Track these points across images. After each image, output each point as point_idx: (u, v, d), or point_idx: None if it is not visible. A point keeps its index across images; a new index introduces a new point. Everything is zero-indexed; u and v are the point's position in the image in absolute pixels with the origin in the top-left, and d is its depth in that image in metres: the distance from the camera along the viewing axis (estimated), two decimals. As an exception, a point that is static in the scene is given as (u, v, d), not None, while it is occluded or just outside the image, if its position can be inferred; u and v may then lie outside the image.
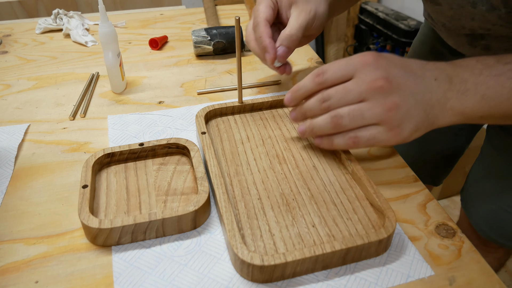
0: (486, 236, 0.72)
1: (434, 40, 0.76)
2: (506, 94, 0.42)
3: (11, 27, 0.92)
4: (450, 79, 0.45)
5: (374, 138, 0.45)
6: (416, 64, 0.46)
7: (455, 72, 0.45)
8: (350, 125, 0.45)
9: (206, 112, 0.57)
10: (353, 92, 0.44)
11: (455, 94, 0.44)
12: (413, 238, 0.43)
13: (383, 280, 0.39)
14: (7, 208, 0.47)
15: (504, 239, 0.71)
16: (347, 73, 0.45)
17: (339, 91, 0.45)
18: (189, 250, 0.42)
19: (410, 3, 2.03)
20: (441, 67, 0.46)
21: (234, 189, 0.47)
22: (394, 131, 0.44)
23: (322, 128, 0.47)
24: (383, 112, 0.44)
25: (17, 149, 0.55)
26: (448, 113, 0.45)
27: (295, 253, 0.38)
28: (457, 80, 0.44)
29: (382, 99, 0.43)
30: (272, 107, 0.61)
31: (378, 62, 0.44)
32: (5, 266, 0.41)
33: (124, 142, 0.56)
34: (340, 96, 0.45)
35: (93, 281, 0.39)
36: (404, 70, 0.45)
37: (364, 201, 0.46)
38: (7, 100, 0.66)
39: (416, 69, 0.46)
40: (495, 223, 0.70)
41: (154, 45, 0.82)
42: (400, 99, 0.43)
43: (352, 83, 0.45)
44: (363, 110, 0.44)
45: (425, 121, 0.45)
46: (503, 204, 0.68)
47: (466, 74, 0.44)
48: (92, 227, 0.40)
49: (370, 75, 0.44)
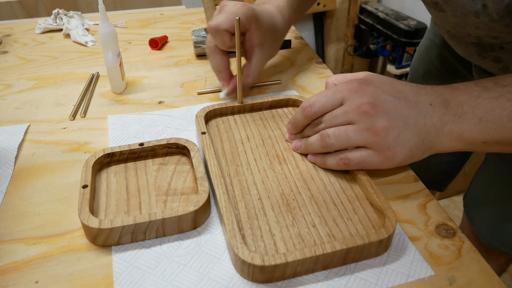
0: (489, 243, 0.72)
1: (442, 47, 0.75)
2: (506, 116, 0.41)
3: (11, 27, 0.92)
4: (447, 103, 0.44)
5: (365, 161, 0.45)
6: (410, 89, 0.46)
7: (452, 95, 0.44)
8: (336, 144, 0.46)
9: (206, 112, 0.57)
10: (340, 117, 0.46)
11: (452, 118, 0.43)
12: (413, 238, 0.43)
13: (383, 280, 0.39)
14: (7, 208, 0.47)
15: (507, 248, 0.70)
16: (336, 103, 0.47)
17: (328, 116, 0.47)
18: (189, 250, 0.42)
19: (410, 3, 2.03)
20: (439, 90, 0.46)
21: (234, 189, 0.47)
22: (384, 154, 0.44)
23: (313, 147, 0.49)
24: (369, 135, 0.44)
25: (17, 149, 0.55)
26: (446, 137, 0.44)
27: (296, 253, 0.38)
28: (454, 103, 0.44)
29: (368, 123, 0.44)
30: (272, 107, 0.61)
31: (365, 90, 0.45)
32: (5, 266, 0.41)
33: (124, 142, 0.56)
34: (329, 120, 0.47)
35: (93, 281, 0.39)
36: (394, 97, 0.45)
37: (364, 201, 0.45)
38: (7, 100, 0.66)
39: (409, 95, 0.45)
40: (498, 231, 0.69)
41: (154, 45, 0.82)
42: (388, 123, 0.43)
43: (339, 109, 0.46)
44: (348, 131, 0.45)
45: (421, 147, 0.44)
46: (507, 212, 0.67)
47: (463, 97, 0.44)
48: (92, 227, 0.40)
49: (355, 101, 0.45)
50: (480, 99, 0.43)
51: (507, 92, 0.42)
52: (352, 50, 2.26)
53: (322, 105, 0.47)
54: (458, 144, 0.44)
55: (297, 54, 0.79)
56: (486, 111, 0.42)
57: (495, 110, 0.42)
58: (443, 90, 0.45)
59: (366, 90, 0.45)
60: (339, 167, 0.47)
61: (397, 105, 0.44)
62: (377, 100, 0.44)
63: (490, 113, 0.42)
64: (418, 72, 0.84)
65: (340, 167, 0.47)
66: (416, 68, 0.85)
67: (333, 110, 0.47)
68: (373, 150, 0.45)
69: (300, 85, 0.69)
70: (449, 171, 0.91)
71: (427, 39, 0.81)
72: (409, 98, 0.45)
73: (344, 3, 2.14)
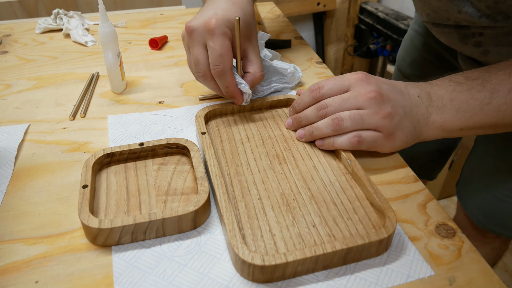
0: (483, 226, 0.74)
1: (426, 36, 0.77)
2: (478, 105, 0.48)
3: (11, 27, 0.92)
4: (430, 96, 0.50)
5: (375, 141, 0.49)
6: (400, 83, 0.52)
7: (433, 90, 0.50)
8: (351, 127, 0.49)
9: (206, 112, 0.57)
10: (350, 101, 0.49)
11: (435, 109, 0.49)
12: (413, 238, 0.43)
13: (383, 280, 0.39)
14: (7, 208, 0.47)
15: (501, 228, 0.73)
16: (343, 88, 0.50)
17: (336, 100, 0.50)
18: (189, 250, 0.42)
19: (410, 3, 2.03)
20: (421, 86, 0.51)
21: (234, 189, 0.47)
22: (389, 137, 0.49)
23: (322, 131, 0.50)
24: (379, 119, 0.48)
25: (17, 149, 0.55)
26: (431, 127, 0.50)
27: (296, 253, 0.38)
28: (435, 97, 0.50)
29: (377, 107, 0.48)
30: (272, 107, 0.61)
31: (369, 79, 0.50)
32: (5, 266, 0.41)
33: (124, 142, 0.56)
34: (338, 104, 0.50)
35: (93, 281, 0.39)
36: (392, 87, 0.50)
37: (365, 201, 0.46)
38: (7, 100, 0.66)
39: (401, 87, 0.51)
40: (491, 212, 0.73)
41: (154, 45, 0.82)
42: (392, 109, 0.48)
43: (348, 94, 0.50)
44: (362, 115, 0.48)
45: (413, 133, 0.50)
46: (498, 193, 0.70)
47: (441, 92, 0.50)
48: (92, 227, 0.40)
49: (363, 88, 0.49)
50: (455, 92, 0.49)
51: (476, 84, 0.48)
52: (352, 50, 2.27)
53: (330, 89, 0.51)
54: (440, 133, 0.50)
55: (297, 54, 0.79)
56: (461, 102, 0.48)
57: (468, 101, 0.48)
58: (425, 86, 0.51)
59: (371, 79, 0.50)
60: (351, 145, 0.49)
61: (396, 95, 0.49)
62: (381, 89, 0.49)
63: (465, 104, 0.48)
64: (405, 61, 0.87)
65: (353, 145, 0.49)
66: (402, 58, 0.88)
67: (341, 95, 0.50)
68: (381, 134, 0.49)
69: (300, 85, 0.69)
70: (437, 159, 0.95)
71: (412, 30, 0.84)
72: (402, 90, 0.51)
73: (344, 3, 2.14)
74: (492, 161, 0.71)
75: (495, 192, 0.71)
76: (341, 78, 0.51)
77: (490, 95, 0.47)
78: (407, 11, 2.04)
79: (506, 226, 0.73)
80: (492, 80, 0.48)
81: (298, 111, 0.54)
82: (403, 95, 0.50)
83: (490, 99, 0.47)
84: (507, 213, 0.71)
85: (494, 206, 0.72)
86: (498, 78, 0.48)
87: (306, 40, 1.05)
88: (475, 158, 0.76)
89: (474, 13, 0.53)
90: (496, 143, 0.70)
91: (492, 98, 0.47)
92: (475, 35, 0.57)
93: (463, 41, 0.59)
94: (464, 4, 0.53)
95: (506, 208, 0.70)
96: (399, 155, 0.55)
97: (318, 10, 2.09)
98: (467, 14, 0.54)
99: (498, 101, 0.47)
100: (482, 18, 0.53)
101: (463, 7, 0.53)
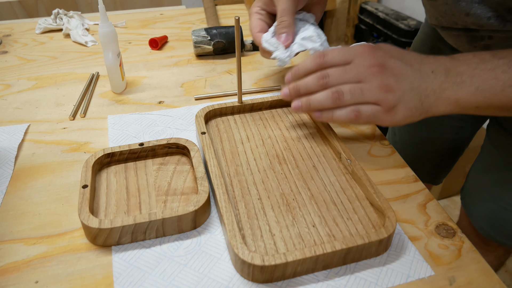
0: (487, 234, 0.73)
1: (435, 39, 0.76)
2: (500, 86, 0.45)
3: (11, 27, 0.92)
4: (447, 71, 0.48)
5: (374, 115, 0.48)
6: (415, 57, 0.49)
7: (453, 65, 0.48)
8: (350, 101, 0.48)
9: (206, 112, 0.57)
10: (351, 73, 0.48)
11: (451, 85, 0.47)
12: (413, 238, 0.43)
13: (383, 280, 0.39)
14: (7, 208, 0.47)
15: (505, 238, 0.71)
16: (346, 59, 0.49)
17: (338, 70, 0.49)
18: (189, 250, 0.42)
19: (410, 3, 2.03)
20: (440, 60, 0.49)
21: (234, 189, 0.47)
22: (389, 112, 0.48)
23: (321, 103, 0.49)
24: (380, 92, 0.47)
25: (17, 149, 0.55)
26: (444, 102, 0.48)
27: (296, 253, 0.38)
28: (454, 73, 0.47)
29: (378, 81, 0.47)
30: (272, 107, 0.61)
31: (375, 52, 0.49)
32: (5, 266, 0.41)
33: (124, 142, 0.56)
34: (339, 74, 0.49)
35: (93, 281, 0.39)
36: (401, 61, 0.48)
37: (364, 201, 0.45)
38: (7, 100, 0.66)
39: (413, 62, 0.49)
40: (496, 221, 0.71)
41: (154, 45, 0.82)
42: (394, 83, 0.47)
43: (350, 66, 0.49)
44: (363, 89, 0.48)
45: (419, 108, 0.48)
46: (504, 203, 0.68)
47: (462, 68, 0.47)
48: (92, 227, 0.40)
49: (367, 61, 0.48)
50: (477, 69, 0.46)
51: (503, 64, 0.45)
52: (352, 50, 2.26)
53: (334, 57, 0.50)
54: (454, 108, 0.48)
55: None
56: (483, 81, 0.46)
57: (490, 80, 0.46)
58: (444, 60, 0.49)
59: (377, 53, 0.49)
60: (349, 119, 0.49)
61: (403, 69, 0.48)
62: (386, 62, 0.48)
63: (486, 83, 0.46)
64: None
65: (351, 119, 0.48)
66: None
67: (344, 66, 0.49)
68: (381, 107, 0.48)
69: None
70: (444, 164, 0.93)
71: (422, 33, 0.84)
72: (413, 65, 0.49)
73: (344, 3, 2.14)
74: (498, 169, 0.70)
75: (500, 201, 0.69)
76: (346, 49, 0.50)
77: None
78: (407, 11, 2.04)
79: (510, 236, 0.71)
80: None
81: (298, 77, 0.52)
82: (412, 69, 0.48)
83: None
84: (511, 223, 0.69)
85: (498, 215, 0.70)
86: None
87: (306, 40, 1.05)
88: (481, 166, 0.74)
89: (483, 15, 0.52)
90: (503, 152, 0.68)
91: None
92: (484, 38, 0.56)
93: (471, 44, 0.59)
94: (471, 6, 0.52)
95: (510, 218, 0.68)
96: (399, 155, 0.55)
97: (318, 10, 2.08)
98: (475, 17, 0.53)
99: None
100: (491, 20, 0.52)
101: (470, 9, 0.52)
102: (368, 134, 0.58)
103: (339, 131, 0.59)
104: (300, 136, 0.55)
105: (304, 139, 0.55)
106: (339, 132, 0.59)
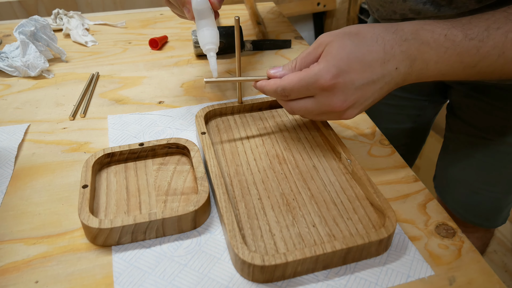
0: (464, 218, 0.77)
1: None
2: (462, 68, 0.46)
3: (11, 27, 0.92)
4: (413, 61, 0.46)
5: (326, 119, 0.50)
6: (378, 56, 0.45)
7: (420, 52, 0.46)
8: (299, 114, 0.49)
9: (206, 112, 0.57)
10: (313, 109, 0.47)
11: (415, 73, 0.47)
12: (413, 238, 0.43)
13: (383, 280, 0.39)
14: (7, 208, 0.47)
15: (481, 220, 0.76)
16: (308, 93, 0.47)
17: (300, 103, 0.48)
18: (189, 250, 0.42)
19: (410, 3, 2.03)
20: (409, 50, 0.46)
21: (234, 189, 0.47)
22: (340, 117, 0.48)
23: None
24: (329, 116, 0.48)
25: (17, 149, 0.55)
26: (405, 84, 0.48)
27: (296, 253, 0.38)
28: (420, 61, 0.46)
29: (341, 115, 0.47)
30: (272, 107, 0.61)
31: (336, 86, 0.45)
32: (5, 266, 0.41)
33: (124, 142, 0.56)
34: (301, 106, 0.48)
35: (93, 281, 0.39)
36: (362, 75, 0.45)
37: (364, 201, 0.46)
38: (7, 100, 0.66)
39: (376, 65, 0.45)
40: (469, 205, 0.75)
41: (154, 45, 0.82)
42: (357, 110, 0.47)
43: (312, 103, 0.47)
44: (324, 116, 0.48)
45: (378, 98, 0.48)
46: (473, 187, 0.73)
47: (430, 54, 0.46)
48: (92, 227, 0.40)
49: (329, 100, 0.45)
50: (446, 54, 0.46)
51: (472, 47, 0.45)
52: (352, 50, 2.26)
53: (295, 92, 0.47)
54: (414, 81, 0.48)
55: (297, 54, 0.79)
56: (447, 65, 0.46)
57: (455, 63, 0.46)
58: (412, 46, 0.46)
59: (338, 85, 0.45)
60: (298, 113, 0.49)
61: (364, 92, 0.46)
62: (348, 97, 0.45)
63: (450, 67, 0.46)
64: None
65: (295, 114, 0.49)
66: None
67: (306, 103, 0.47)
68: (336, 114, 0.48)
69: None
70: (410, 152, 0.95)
71: None
72: (376, 70, 0.45)
73: (344, 3, 2.14)
74: (461, 157, 0.74)
75: (470, 186, 0.73)
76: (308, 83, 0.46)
77: (479, 59, 0.45)
78: (407, 11, 2.04)
79: (485, 217, 0.75)
80: (489, 42, 0.44)
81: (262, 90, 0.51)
82: (374, 83, 0.46)
83: (477, 63, 0.45)
84: (484, 204, 0.73)
85: (471, 199, 0.74)
86: (494, 40, 0.44)
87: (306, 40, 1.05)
88: (446, 154, 0.79)
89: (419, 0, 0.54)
90: (463, 139, 0.73)
91: (480, 63, 0.45)
92: None
93: None
94: None
95: (482, 200, 0.72)
96: (399, 155, 0.55)
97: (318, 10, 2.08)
98: (412, 1, 0.55)
99: (483, 65, 0.46)
100: (426, 4, 0.54)
101: None
102: (368, 134, 0.58)
103: (339, 131, 0.59)
104: (300, 136, 0.55)
105: (304, 139, 0.55)
106: (339, 132, 0.59)
